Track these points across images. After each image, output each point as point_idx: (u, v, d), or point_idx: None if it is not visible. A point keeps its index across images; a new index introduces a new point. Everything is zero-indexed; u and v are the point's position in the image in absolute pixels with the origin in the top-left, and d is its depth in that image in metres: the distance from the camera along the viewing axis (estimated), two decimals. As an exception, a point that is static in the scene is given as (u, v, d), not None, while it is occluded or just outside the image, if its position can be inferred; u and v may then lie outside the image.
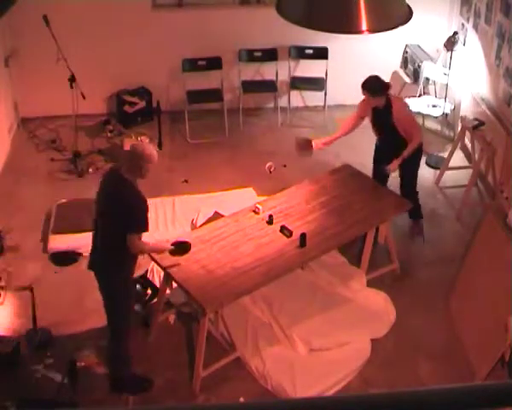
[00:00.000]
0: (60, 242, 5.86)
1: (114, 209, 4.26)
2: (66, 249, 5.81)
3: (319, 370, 4.82)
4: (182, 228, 6.11)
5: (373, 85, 5.64)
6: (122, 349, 4.56)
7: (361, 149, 7.50)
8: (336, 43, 7.62)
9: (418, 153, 5.84)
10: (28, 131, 7.72)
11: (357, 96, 8.18)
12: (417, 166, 5.95)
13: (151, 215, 6.31)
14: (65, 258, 5.78)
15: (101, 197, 4.39)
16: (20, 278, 5.55)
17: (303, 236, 4.95)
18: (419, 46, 8.00)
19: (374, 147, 6.06)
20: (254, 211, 5.28)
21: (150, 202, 6.43)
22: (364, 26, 3.11)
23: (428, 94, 7.92)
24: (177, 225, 6.21)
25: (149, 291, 5.46)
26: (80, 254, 5.70)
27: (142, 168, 4.22)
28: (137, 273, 5.67)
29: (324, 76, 7.98)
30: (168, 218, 6.34)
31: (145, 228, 4.26)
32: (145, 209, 4.23)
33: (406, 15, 3.35)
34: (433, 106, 7.51)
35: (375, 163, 6.02)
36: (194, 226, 6.07)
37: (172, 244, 4.64)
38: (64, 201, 6.30)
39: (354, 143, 7.60)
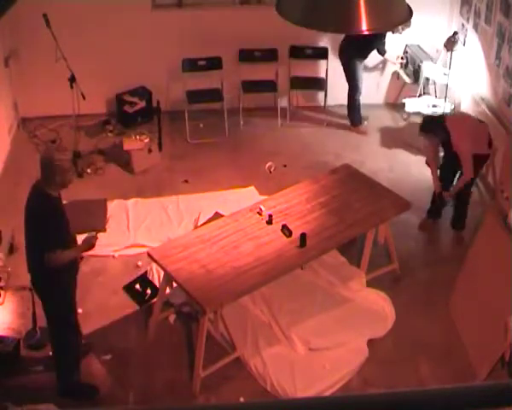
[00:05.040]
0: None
1: (29, 226, 4.15)
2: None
3: (319, 369, 4.82)
4: (188, 227, 6.10)
5: (421, 125, 5.89)
6: (66, 363, 4.55)
7: (361, 149, 7.51)
8: (336, 43, 7.62)
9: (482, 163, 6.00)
10: (28, 131, 7.72)
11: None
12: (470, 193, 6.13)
13: (157, 214, 6.36)
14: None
15: (24, 216, 4.23)
16: (20, 278, 5.55)
17: (303, 236, 4.95)
18: (419, 46, 8.00)
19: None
20: (258, 213, 5.27)
21: (152, 201, 6.53)
22: (364, 26, 3.11)
23: (428, 94, 7.92)
24: (184, 224, 6.21)
25: (149, 291, 5.46)
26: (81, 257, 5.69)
27: (56, 179, 4.04)
28: (137, 273, 5.69)
29: (324, 76, 7.98)
30: (174, 217, 6.34)
31: (58, 244, 4.10)
32: (56, 224, 4.09)
33: (406, 16, 3.34)
34: (433, 106, 7.50)
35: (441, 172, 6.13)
36: (195, 226, 6.07)
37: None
38: (64, 202, 6.29)
39: (354, 143, 7.62)
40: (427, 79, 7.83)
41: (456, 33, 7.34)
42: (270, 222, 5.18)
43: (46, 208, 4.10)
